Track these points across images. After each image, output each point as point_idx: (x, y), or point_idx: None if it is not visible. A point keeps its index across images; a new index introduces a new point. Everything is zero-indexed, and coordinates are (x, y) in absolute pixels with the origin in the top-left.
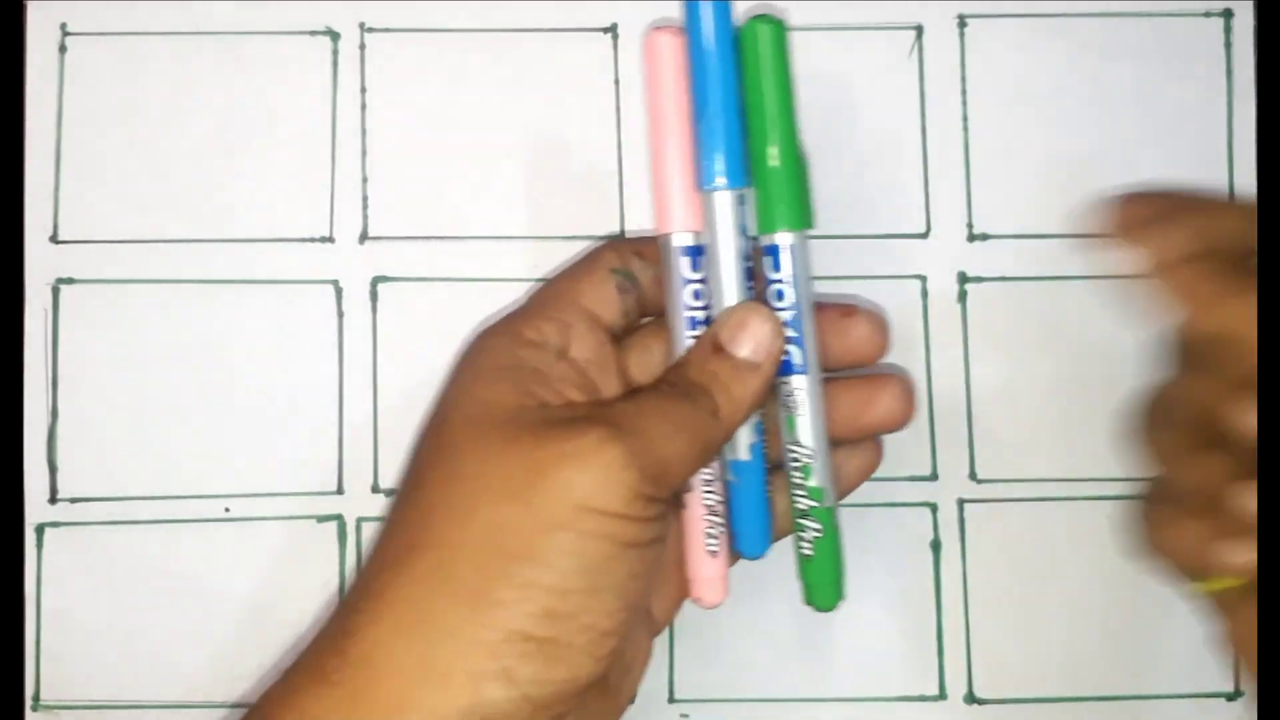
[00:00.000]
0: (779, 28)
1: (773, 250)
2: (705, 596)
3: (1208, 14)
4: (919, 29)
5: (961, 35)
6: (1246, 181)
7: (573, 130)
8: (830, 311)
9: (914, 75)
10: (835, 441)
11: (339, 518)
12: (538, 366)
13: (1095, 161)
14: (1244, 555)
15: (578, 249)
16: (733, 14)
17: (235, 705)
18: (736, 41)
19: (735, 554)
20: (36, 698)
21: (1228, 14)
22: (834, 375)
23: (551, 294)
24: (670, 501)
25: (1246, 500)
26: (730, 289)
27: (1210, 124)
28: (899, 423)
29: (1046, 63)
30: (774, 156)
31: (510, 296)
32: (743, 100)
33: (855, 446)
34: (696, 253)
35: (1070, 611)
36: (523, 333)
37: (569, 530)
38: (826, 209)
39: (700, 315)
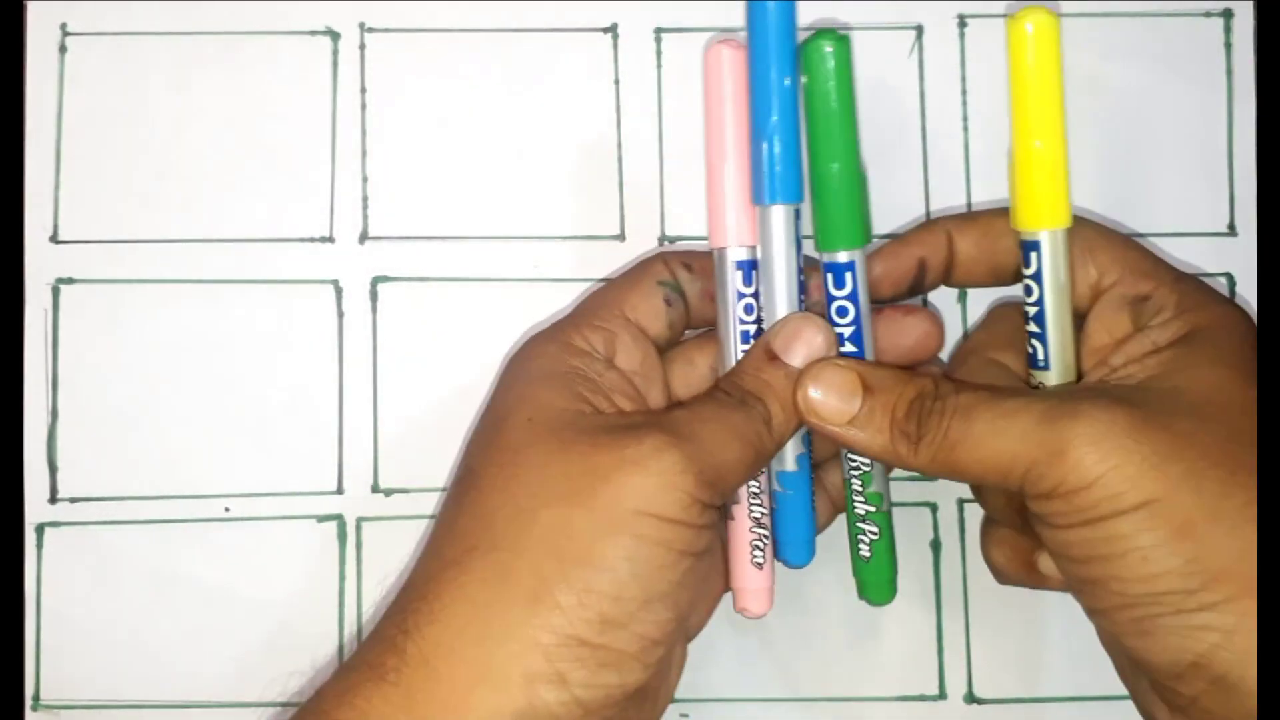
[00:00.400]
0: (844, 43)
1: (833, 267)
2: (751, 607)
3: (1208, 14)
4: (919, 29)
5: (961, 35)
6: (1246, 181)
7: (573, 130)
8: (892, 312)
9: (914, 75)
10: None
11: (339, 518)
12: (589, 374)
13: (1095, 162)
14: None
15: (578, 249)
16: (797, 26)
17: (235, 705)
18: (798, 54)
19: (778, 563)
20: (36, 697)
21: (1228, 14)
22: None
23: (598, 303)
24: (722, 517)
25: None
26: (783, 303)
27: (1210, 124)
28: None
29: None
30: (836, 174)
31: (510, 297)
32: (801, 114)
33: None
34: (750, 267)
35: (1070, 611)
36: (572, 341)
37: (627, 535)
38: None
39: (752, 329)
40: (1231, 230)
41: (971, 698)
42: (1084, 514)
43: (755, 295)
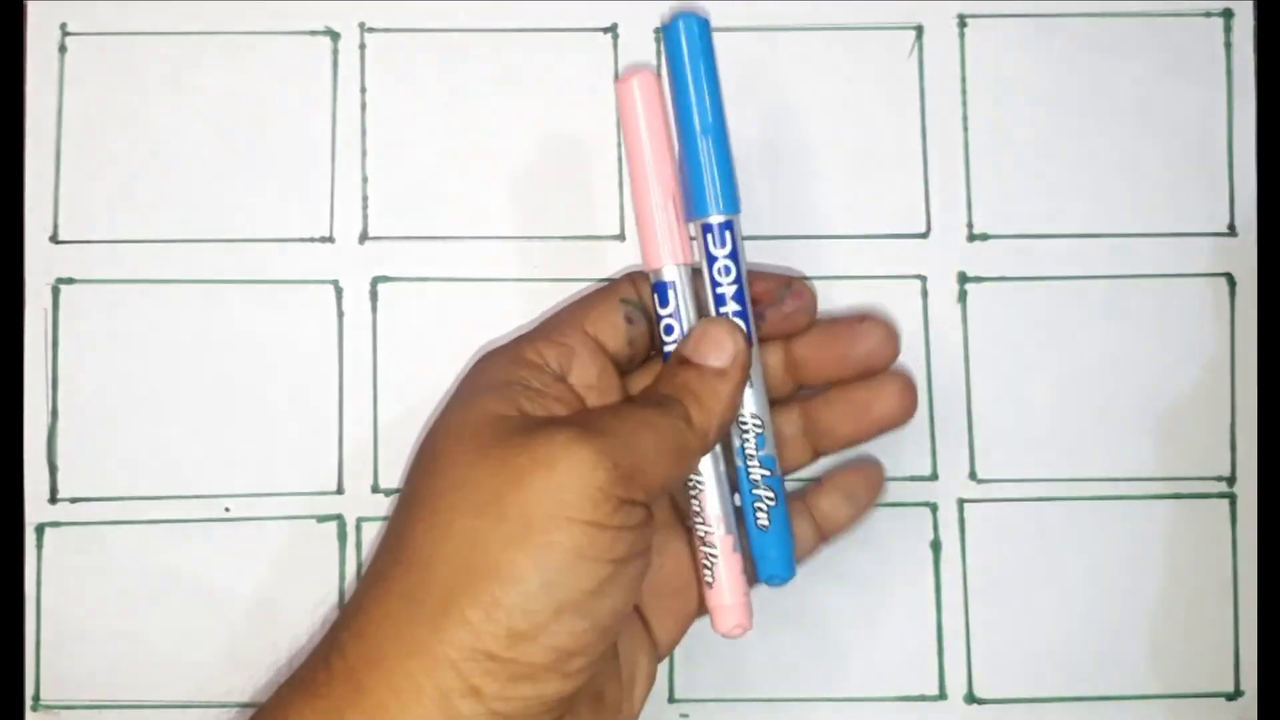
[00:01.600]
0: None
1: (709, 229)
2: (717, 626)
3: (1208, 14)
4: (919, 29)
5: (961, 35)
6: (1246, 181)
7: (573, 130)
8: (845, 320)
9: (914, 75)
10: (848, 443)
11: (339, 518)
12: (533, 385)
13: (1095, 161)
14: None
15: (577, 249)
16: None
17: (235, 705)
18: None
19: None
20: (36, 697)
21: (1228, 14)
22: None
23: (558, 319)
24: (648, 521)
25: None
26: (692, 313)
27: (1210, 124)
28: (901, 419)
29: (1046, 63)
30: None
31: (510, 297)
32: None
33: (862, 469)
34: (664, 288)
35: (1070, 611)
36: (523, 354)
37: (534, 543)
38: (827, 209)
39: (672, 349)
40: (1231, 230)
41: (972, 698)
42: None
43: (673, 315)
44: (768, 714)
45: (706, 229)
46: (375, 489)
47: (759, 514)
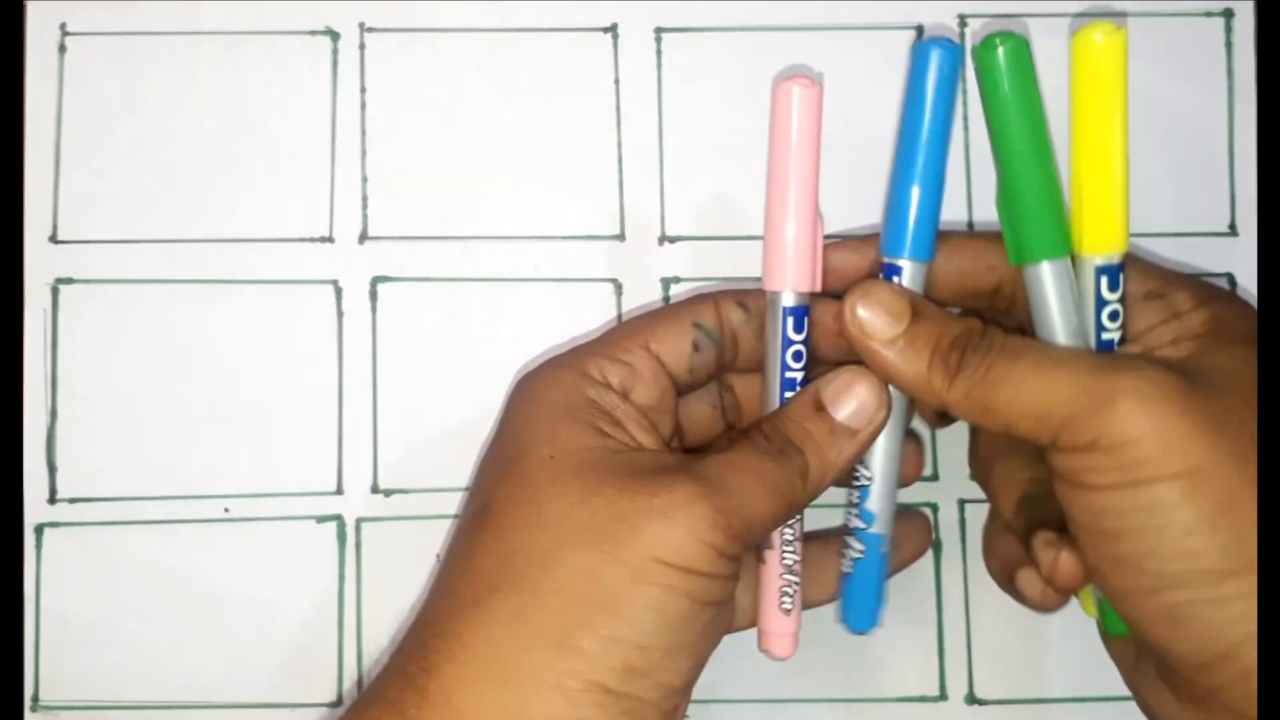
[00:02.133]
0: (1018, 44)
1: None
2: (775, 650)
3: (1208, 14)
4: (919, 29)
5: (962, 35)
6: (1247, 181)
7: (573, 130)
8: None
9: None
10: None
11: (339, 518)
12: (604, 407)
13: None
14: (1034, 587)
15: (578, 249)
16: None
17: (235, 706)
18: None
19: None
20: (36, 698)
21: (1228, 14)
22: None
23: (625, 333)
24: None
25: (1044, 551)
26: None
27: (1210, 124)
28: (911, 478)
29: (1046, 62)
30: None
31: (510, 297)
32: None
33: (912, 522)
34: (801, 313)
35: (1070, 611)
36: (587, 370)
37: (653, 585)
38: (826, 209)
39: (798, 377)
40: (1232, 230)
41: (972, 698)
42: (1124, 473)
43: (805, 343)
44: (768, 714)
45: (894, 269)
46: (375, 489)
47: (843, 561)
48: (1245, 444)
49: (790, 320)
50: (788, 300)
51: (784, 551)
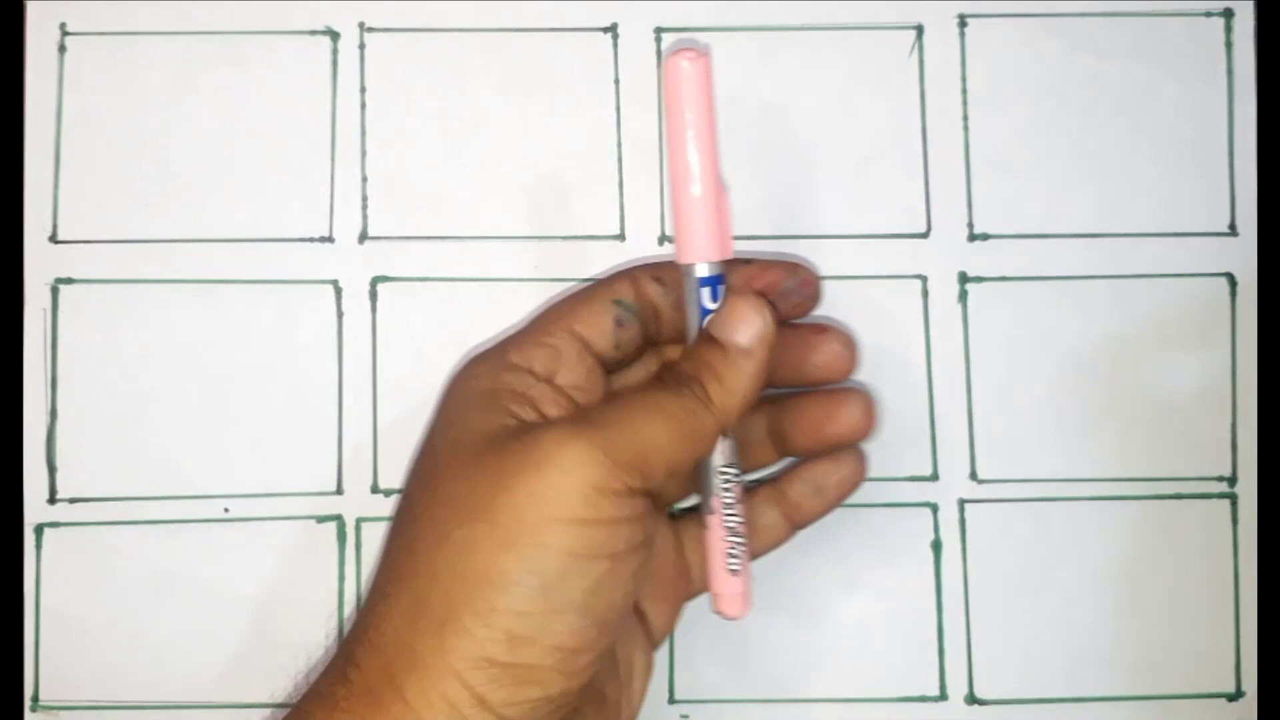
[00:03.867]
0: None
1: (706, 281)
2: (727, 611)
3: (1208, 14)
4: (919, 29)
5: (962, 35)
6: (1247, 181)
7: (573, 130)
8: (803, 329)
9: (914, 75)
10: (807, 454)
11: (338, 518)
12: (519, 389)
13: (1095, 161)
14: None
15: (578, 249)
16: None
17: (234, 706)
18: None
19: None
20: (35, 698)
21: (1228, 14)
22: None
23: (544, 318)
24: (650, 511)
25: None
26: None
27: (1210, 124)
28: (860, 435)
29: (1046, 63)
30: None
31: (510, 297)
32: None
33: (837, 460)
34: (716, 282)
35: (1070, 611)
36: (508, 357)
37: (527, 546)
38: (826, 209)
39: None
40: (1232, 230)
41: (972, 698)
42: None
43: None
44: (768, 714)
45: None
46: (375, 489)
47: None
48: None
49: (705, 291)
50: (701, 271)
51: (725, 515)
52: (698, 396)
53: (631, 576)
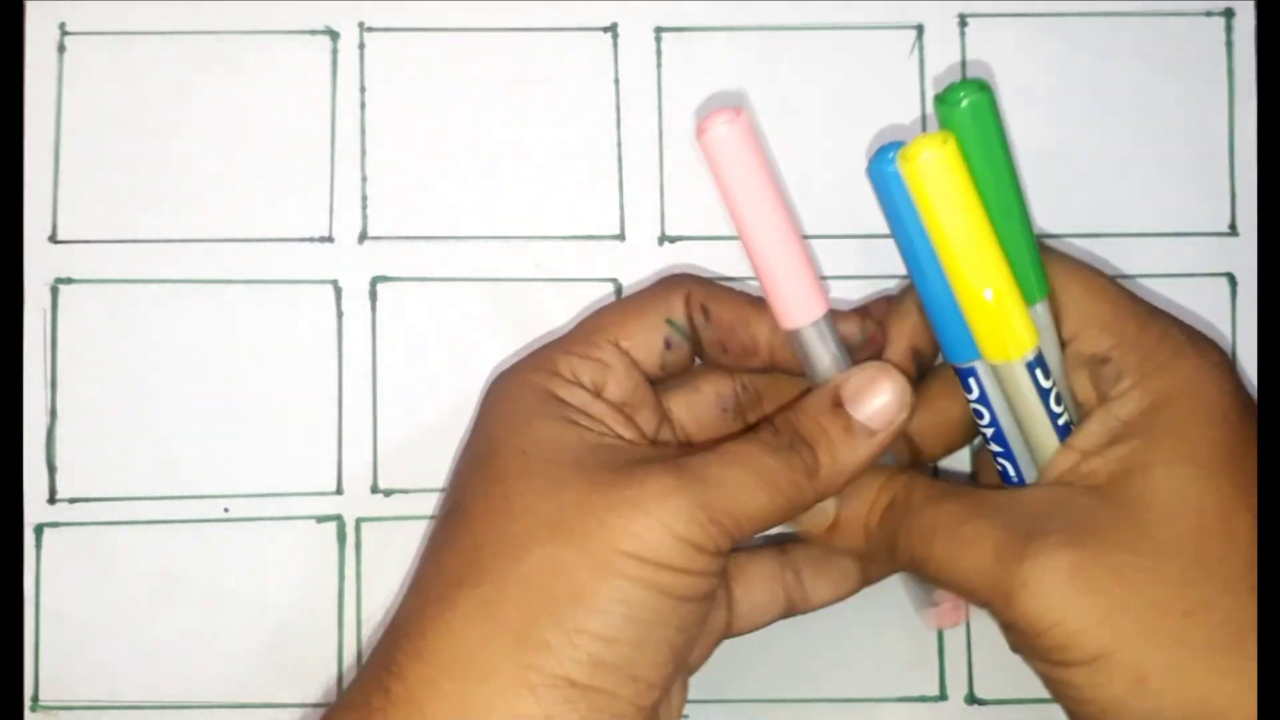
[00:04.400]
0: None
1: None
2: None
3: (1208, 14)
4: (919, 29)
5: (962, 35)
6: (1247, 181)
7: (573, 130)
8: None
9: (914, 75)
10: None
11: (338, 518)
12: (578, 404)
13: (1095, 161)
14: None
15: (578, 249)
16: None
17: (235, 706)
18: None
19: None
20: (35, 698)
21: (1228, 14)
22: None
23: (594, 327)
24: (726, 559)
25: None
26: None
27: (1210, 124)
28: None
29: (1046, 62)
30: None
31: (510, 297)
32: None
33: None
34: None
35: None
36: (557, 368)
37: (621, 578)
38: (826, 209)
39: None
40: (1232, 230)
41: (972, 698)
42: (1041, 656)
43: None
44: (768, 714)
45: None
46: (375, 489)
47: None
48: (1153, 615)
49: (814, 338)
50: (804, 326)
51: None
52: (806, 465)
53: (706, 614)
